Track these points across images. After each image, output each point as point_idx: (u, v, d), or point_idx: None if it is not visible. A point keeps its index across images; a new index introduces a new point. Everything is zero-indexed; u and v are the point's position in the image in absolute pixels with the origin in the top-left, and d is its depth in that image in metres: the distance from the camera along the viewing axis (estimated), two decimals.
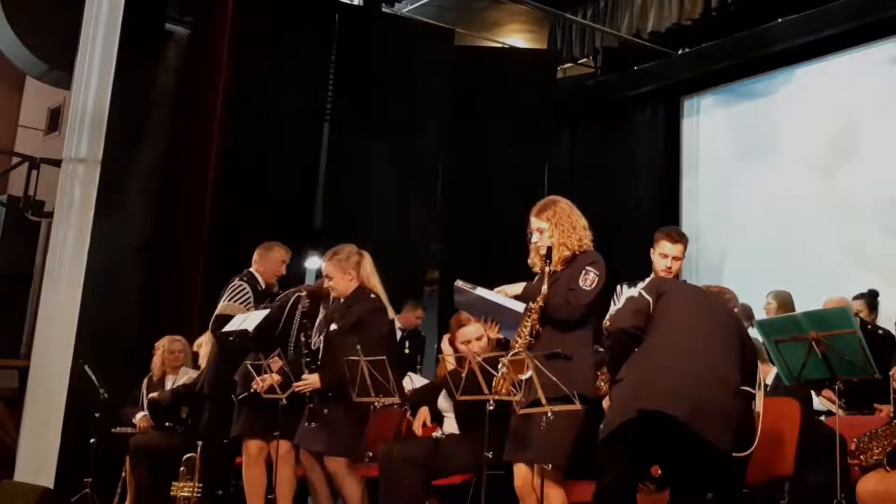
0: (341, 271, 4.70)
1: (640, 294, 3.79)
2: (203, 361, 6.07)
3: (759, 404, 3.66)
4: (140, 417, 6.23)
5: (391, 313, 4.94)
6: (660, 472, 3.64)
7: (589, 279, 3.79)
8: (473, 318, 4.44)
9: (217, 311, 5.38)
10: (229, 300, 5.37)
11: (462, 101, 8.92)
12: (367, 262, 4.80)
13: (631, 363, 3.62)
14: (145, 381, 6.40)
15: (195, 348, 6.24)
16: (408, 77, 8.51)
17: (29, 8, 8.19)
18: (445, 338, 4.79)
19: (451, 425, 4.66)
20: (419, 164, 8.72)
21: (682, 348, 3.56)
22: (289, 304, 5.05)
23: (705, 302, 3.87)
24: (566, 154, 10.23)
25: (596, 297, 3.82)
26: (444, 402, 4.73)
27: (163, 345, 6.33)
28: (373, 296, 4.70)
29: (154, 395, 6.19)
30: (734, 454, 3.47)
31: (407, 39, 8.72)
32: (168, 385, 6.28)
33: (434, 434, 4.70)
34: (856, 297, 6.21)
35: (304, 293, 5.01)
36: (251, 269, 5.53)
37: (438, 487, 4.57)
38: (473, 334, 4.51)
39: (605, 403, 3.99)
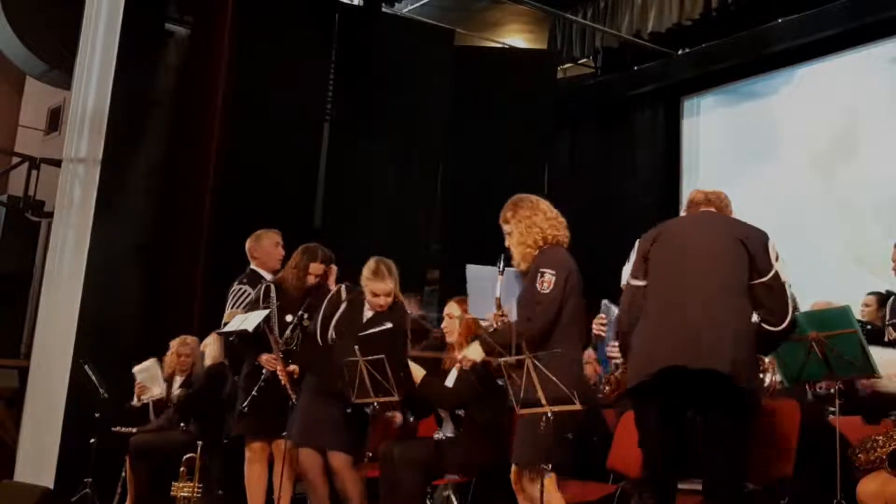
0: (394, 283, 4.75)
1: (627, 283, 3.73)
2: (209, 361, 6.08)
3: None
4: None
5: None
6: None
7: (545, 282, 3.77)
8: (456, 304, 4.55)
9: (224, 319, 5.39)
10: (232, 307, 5.38)
11: (462, 101, 8.92)
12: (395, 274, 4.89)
13: (636, 334, 3.59)
14: None
15: (202, 348, 6.25)
16: (408, 77, 8.51)
17: (29, 8, 8.20)
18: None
19: (448, 428, 4.64)
20: (419, 164, 8.72)
21: (672, 305, 3.49)
22: (261, 295, 5.10)
23: (696, 242, 3.67)
24: (566, 154, 10.23)
25: (560, 293, 3.78)
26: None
27: (174, 345, 6.33)
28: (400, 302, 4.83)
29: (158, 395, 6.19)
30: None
31: (407, 39, 8.71)
32: (175, 385, 6.29)
33: (435, 435, 4.70)
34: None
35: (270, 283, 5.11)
36: (251, 266, 5.51)
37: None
38: (449, 311, 4.59)
39: None
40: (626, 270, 3.78)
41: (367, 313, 4.77)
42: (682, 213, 3.91)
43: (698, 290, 3.45)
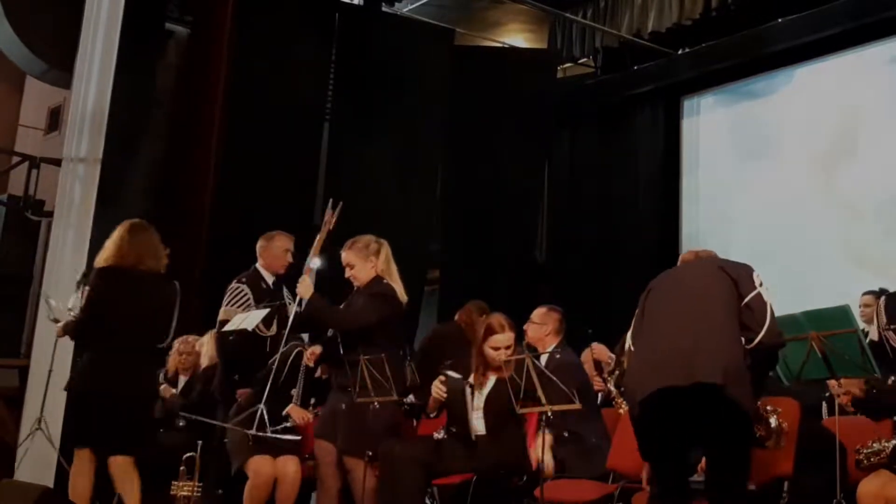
0: (363, 259, 4.71)
1: (628, 348, 3.82)
2: (205, 361, 6.07)
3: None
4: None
5: None
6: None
7: None
8: (507, 326, 4.49)
9: (219, 317, 5.38)
10: (227, 305, 5.36)
11: (462, 101, 8.92)
12: (386, 251, 4.80)
13: (629, 366, 3.74)
14: (161, 375, 6.40)
15: (197, 348, 6.25)
16: (408, 77, 8.50)
17: (29, 8, 8.20)
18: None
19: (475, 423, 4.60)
20: (419, 164, 8.72)
21: (663, 335, 3.58)
22: (290, 360, 5.04)
23: (684, 278, 3.84)
24: (566, 154, 10.22)
25: None
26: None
27: (176, 345, 6.34)
28: (385, 281, 4.71)
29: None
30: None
31: (407, 39, 8.71)
32: (180, 384, 6.30)
33: (435, 434, 4.70)
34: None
35: (305, 350, 5.03)
36: (256, 265, 5.50)
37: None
38: (503, 343, 4.48)
39: None
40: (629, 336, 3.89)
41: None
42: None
43: (688, 317, 3.55)
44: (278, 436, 4.79)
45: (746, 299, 3.53)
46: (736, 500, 3.46)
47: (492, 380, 4.47)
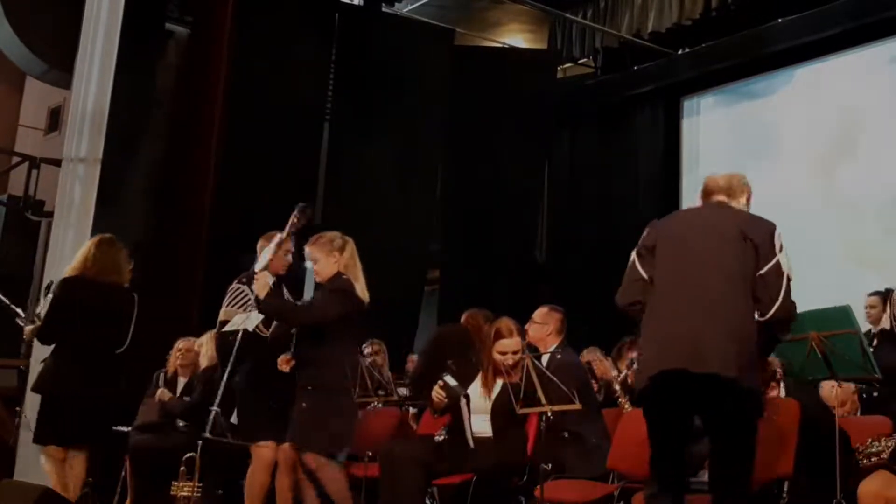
0: (325, 253, 4.64)
1: (631, 263, 3.68)
2: (204, 361, 6.07)
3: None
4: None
5: None
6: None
7: None
8: (515, 331, 4.48)
9: (220, 318, 5.38)
10: (228, 305, 5.36)
11: (462, 101, 8.93)
12: (350, 249, 4.72)
13: (643, 334, 3.56)
14: (161, 375, 6.40)
15: (196, 348, 6.25)
16: (408, 77, 8.51)
17: (29, 8, 8.20)
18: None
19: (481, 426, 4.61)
20: (419, 164, 8.73)
21: (670, 311, 3.44)
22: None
23: (695, 240, 3.55)
24: (566, 154, 10.23)
25: None
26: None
27: (176, 346, 6.33)
28: (344, 276, 4.59)
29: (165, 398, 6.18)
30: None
31: (407, 39, 8.72)
32: (179, 385, 6.29)
33: (435, 436, 4.70)
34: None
35: None
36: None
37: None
38: (511, 348, 4.46)
39: None
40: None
41: None
42: (696, 202, 3.81)
43: (701, 294, 3.40)
44: (231, 441, 4.72)
45: (764, 269, 3.35)
46: (740, 495, 3.36)
47: (499, 384, 4.46)
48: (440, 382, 4.51)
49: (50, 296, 4.94)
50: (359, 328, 4.73)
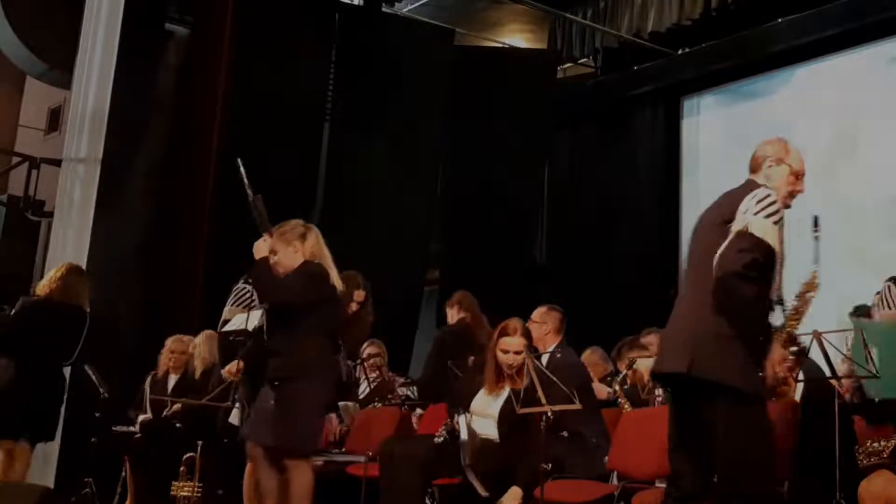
0: (285, 244, 4.45)
1: None
2: (198, 362, 6.07)
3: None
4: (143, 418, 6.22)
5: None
6: None
7: None
8: (520, 331, 4.47)
9: (223, 317, 5.38)
10: (232, 304, 5.37)
11: (462, 101, 8.92)
12: (314, 236, 4.53)
13: None
14: (148, 378, 6.40)
15: (190, 349, 6.25)
16: (408, 77, 8.51)
17: (29, 8, 8.21)
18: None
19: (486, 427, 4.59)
20: (419, 164, 8.72)
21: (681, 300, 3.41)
22: None
23: (696, 232, 3.49)
24: (566, 154, 10.23)
25: None
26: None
27: (168, 343, 6.34)
28: (316, 262, 4.39)
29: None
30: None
31: (407, 39, 8.72)
32: (170, 385, 6.29)
33: (435, 437, 4.69)
34: None
35: None
36: None
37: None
38: (513, 347, 4.45)
39: None
40: None
41: None
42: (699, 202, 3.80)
43: (684, 293, 3.41)
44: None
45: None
46: (738, 496, 3.14)
47: (506, 390, 4.45)
48: (445, 424, 4.49)
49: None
50: (333, 318, 4.43)
